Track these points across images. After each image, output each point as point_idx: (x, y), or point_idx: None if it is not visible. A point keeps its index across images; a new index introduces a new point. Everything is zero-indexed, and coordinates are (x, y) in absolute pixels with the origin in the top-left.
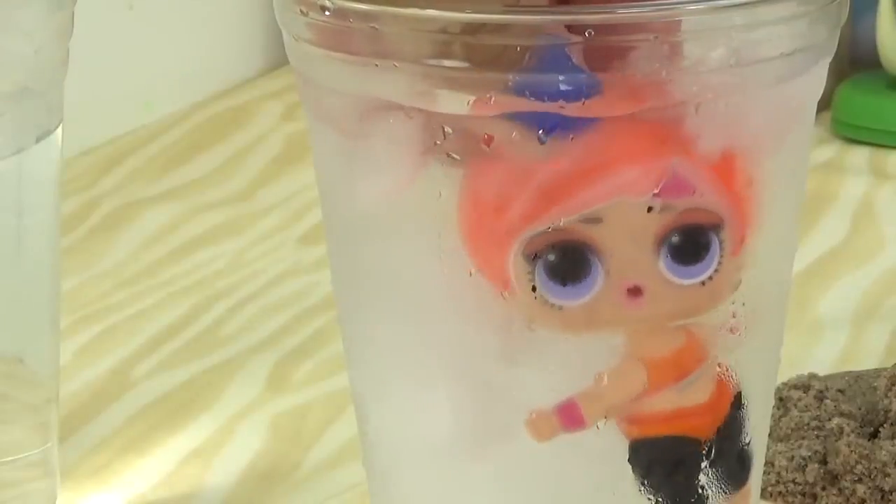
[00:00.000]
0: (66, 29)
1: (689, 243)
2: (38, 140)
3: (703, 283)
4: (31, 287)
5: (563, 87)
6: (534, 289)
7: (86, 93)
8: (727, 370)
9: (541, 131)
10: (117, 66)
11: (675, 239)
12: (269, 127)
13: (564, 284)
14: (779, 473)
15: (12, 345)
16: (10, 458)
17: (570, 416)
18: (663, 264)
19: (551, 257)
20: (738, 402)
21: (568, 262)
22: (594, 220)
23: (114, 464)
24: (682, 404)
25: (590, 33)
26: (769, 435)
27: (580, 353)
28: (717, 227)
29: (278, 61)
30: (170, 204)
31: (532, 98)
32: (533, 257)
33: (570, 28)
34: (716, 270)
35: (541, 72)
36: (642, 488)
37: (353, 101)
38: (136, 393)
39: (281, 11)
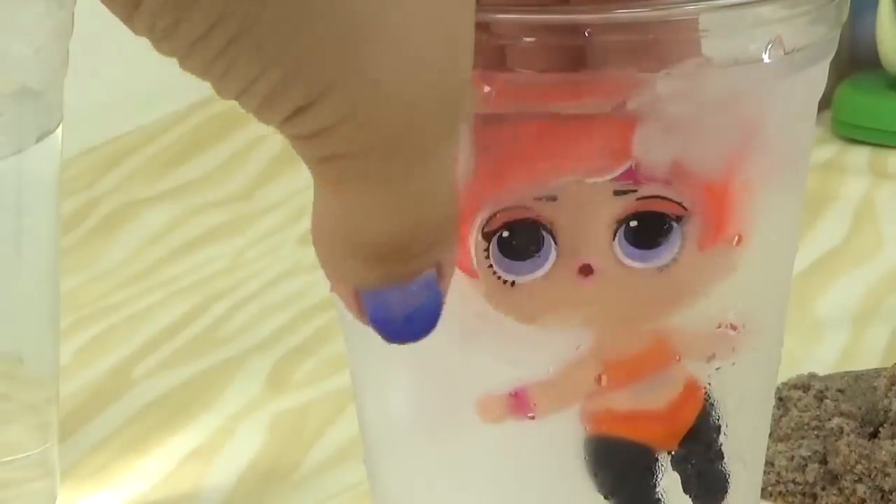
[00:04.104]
0: (66, 29)
1: (647, 228)
2: (38, 140)
3: (659, 270)
4: (31, 287)
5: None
6: (490, 267)
7: (86, 93)
8: (698, 382)
9: None
10: (117, 66)
11: (633, 222)
12: (269, 127)
13: (516, 259)
14: (779, 473)
15: (12, 345)
16: (10, 458)
17: (519, 403)
18: (618, 245)
19: (505, 234)
20: (706, 417)
21: (521, 237)
22: (549, 198)
23: (114, 464)
24: (637, 407)
25: (589, 33)
26: (769, 435)
27: (541, 345)
28: (680, 217)
29: None
30: (170, 204)
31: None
32: (490, 235)
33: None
34: (674, 260)
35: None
36: (598, 488)
37: None
38: (136, 393)
39: None
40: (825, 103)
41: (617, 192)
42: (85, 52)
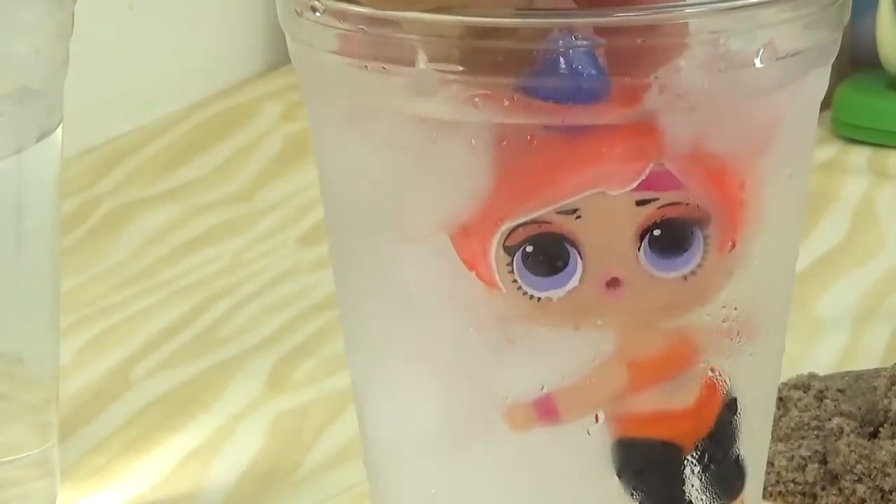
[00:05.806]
0: (66, 29)
1: (671, 236)
2: (38, 140)
3: (685, 277)
4: (31, 287)
5: (578, 91)
6: (515, 282)
7: (86, 93)
8: (719, 376)
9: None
10: (117, 66)
11: (656, 231)
12: (269, 127)
13: (542, 276)
14: (779, 473)
15: (12, 345)
16: (10, 458)
17: (545, 410)
18: (643, 256)
19: (529, 249)
20: (729, 411)
21: (546, 253)
22: (572, 211)
23: (114, 464)
24: (665, 407)
25: (576, 37)
26: None
27: (564, 350)
28: (701, 222)
29: (278, 61)
30: (170, 204)
31: (548, 101)
32: (512, 250)
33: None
34: (699, 266)
35: (554, 75)
36: (625, 489)
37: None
38: (136, 393)
39: (281, 12)
40: (825, 103)
41: (639, 202)
42: (85, 52)
